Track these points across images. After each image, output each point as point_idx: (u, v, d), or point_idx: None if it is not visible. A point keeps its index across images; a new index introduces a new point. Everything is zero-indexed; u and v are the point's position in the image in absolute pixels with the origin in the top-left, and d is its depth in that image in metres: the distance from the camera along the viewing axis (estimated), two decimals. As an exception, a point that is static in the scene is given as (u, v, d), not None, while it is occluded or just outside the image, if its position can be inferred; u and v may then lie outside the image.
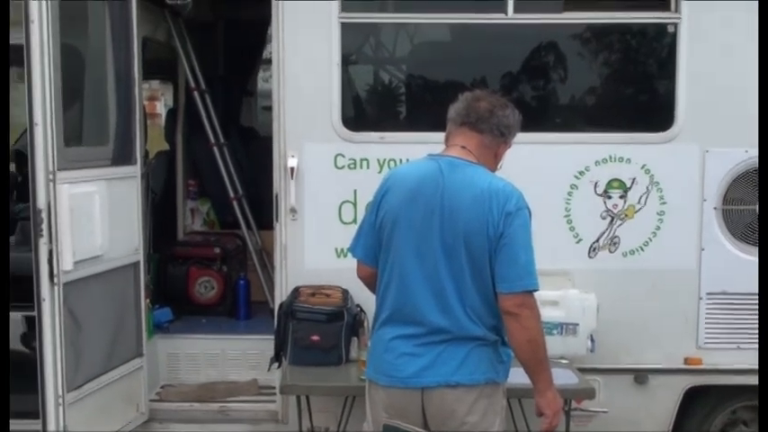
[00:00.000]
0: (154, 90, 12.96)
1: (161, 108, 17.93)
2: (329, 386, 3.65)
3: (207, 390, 4.45)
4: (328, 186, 4.00)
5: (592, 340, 3.85)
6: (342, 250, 4.00)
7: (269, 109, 5.86)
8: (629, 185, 3.99)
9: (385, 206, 2.78)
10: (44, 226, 3.46)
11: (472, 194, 2.63)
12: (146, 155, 4.72)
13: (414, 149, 3.81)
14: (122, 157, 4.06)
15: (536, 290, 2.62)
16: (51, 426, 3.54)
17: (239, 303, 5.06)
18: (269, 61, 6.59)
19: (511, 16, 3.91)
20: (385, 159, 3.97)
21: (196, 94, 5.26)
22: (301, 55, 3.98)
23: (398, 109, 4.54)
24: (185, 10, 5.52)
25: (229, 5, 5.89)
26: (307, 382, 3.62)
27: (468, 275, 2.62)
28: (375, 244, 2.81)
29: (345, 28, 3.98)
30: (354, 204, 4.00)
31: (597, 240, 4.01)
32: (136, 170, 4.13)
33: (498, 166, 2.85)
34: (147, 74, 4.27)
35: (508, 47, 4.18)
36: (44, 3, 3.39)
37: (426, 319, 2.65)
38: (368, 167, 3.99)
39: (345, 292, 3.91)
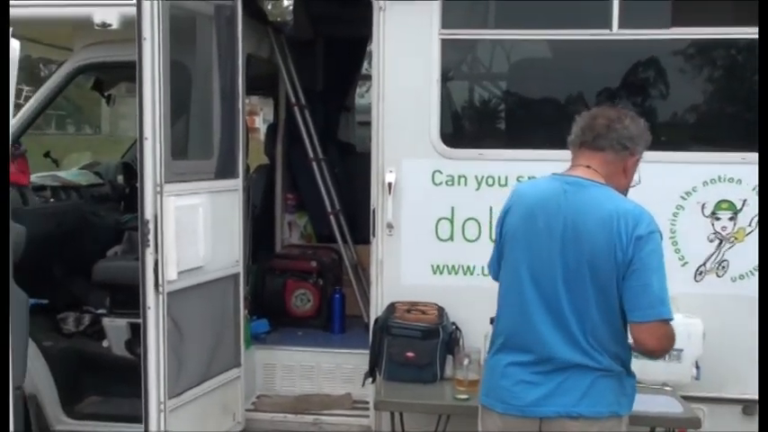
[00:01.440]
0: (253, 105, 13.31)
1: (259, 123, 18.43)
2: (424, 404, 3.63)
3: (301, 402, 4.50)
4: (426, 202, 4.00)
5: (697, 367, 3.70)
6: (438, 267, 3.99)
7: (366, 124, 5.92)
8: (739, 207, 3.83)
9: (506, 225, 2.71)
10: (150, 236, 3.56)
11: (598, 216, 2.51)
12: (247, 169, 4.82)
13: (513, 167, 3.79)
14: (225, 170, 4.17)
15: (671, 319, 2.49)
16: (153, 430, 3.62)
17: (334, 317, 5.11)
18: (366, 77, 6.68)
19: (615, 32, 3.83)
20: (483, 176, 3.93)
21: (296, 109, 5.35)
22: (401, 71, 4.01)
23: (497, 126, 4.51)
24: (287, 27, 5.66)
25: (329, 23, 5.99)
26: (401, 398, 3.61)
27: (592, 302, 2.51)
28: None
29: (445, 44, 3.98)
30: (451, 221, 3.98)
31: (704, 264, 3.87)
32: (238, 183, 4.23)
33: (633, 183, 2.72)
34: (249, 89, 4.37)
35: (610, 62, 4.09)
36: (156, 21, 3.51)
37: (546, 347, 2.55)
38: (466, 184, 3.96)
39: (441, 310, 3.89)
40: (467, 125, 4.52)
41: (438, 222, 3.99)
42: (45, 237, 4.55)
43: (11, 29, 3.49)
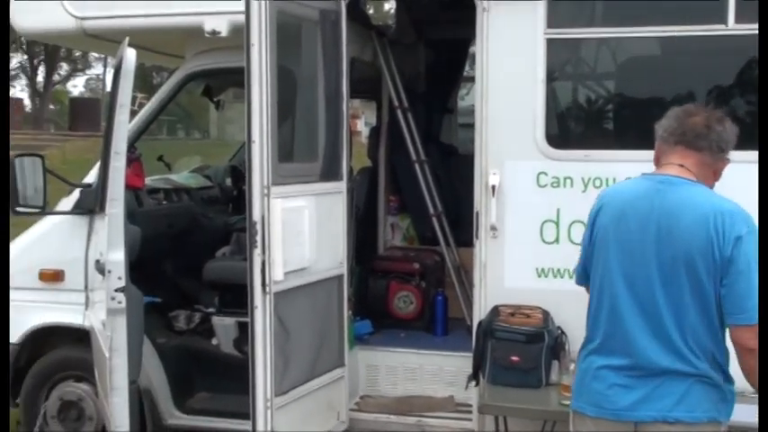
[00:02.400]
0: (355, 108, 13.47)
1: (361, 126, 18.64)
2: (528, 408, 3.58)
3: (404, 403, 4.51)
4: (530, 205, 3.95)
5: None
6: (543, 270, 3.93)
7: (468, 126, 5.89)
8: None
9: (597, 227, 2.67)
10: (258, 237, 3.65)
11: (694, 216, 2.44)
12: (350, 171, 4.88)
13: (621, 168, 3.69)
14: (330, 173, 4.23)
15: None
16: (260, 427, 3.70)
17: (437, 319, 5.10)
18: (468, 79, 6.65)
19: (731, 27, 3.68)
20: (590, 178, 3.85)
21: (399, 111, 5.38)
22: (505, 72, 3.97)
23: (605, 126, 4.41)
24: (390, 30, 5.71)
25: (432, 26, 6.00)
26: (505, 402, 3.57)
27: (689, 303, 2.44)
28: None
29: (550, 44, 3.92)
30: (557, 224, 3.91)
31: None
32: (342, 186, 4.28)
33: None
34: (352, 93, 4.43)
35: (724, 59, 3.93)
36: (263, 28, 3.60)
37: (640, 350, 2.49)
38: (572, 186, 3.89)
39: (546, 314, 3.83)
40: (572, 126, 4.44)
41: (543, 225, 3.93)
42: (158, 237, 4.73)
43: (127, 38, 3.66)
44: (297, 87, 4.21)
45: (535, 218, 3.94)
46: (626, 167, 3.67)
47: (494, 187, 3.95)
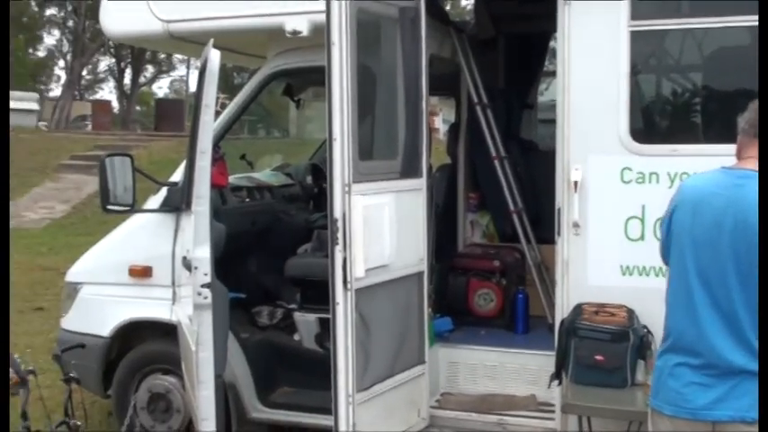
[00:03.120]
0: (433, 106, 13.45)
1: (439, 123, 18.60)
2: (613, 409, 3.51)
3: (485, 401, 4.48)
4: (614, 201, 3.87)
5: None
6: (627, 267, 3.84)
7: (548, 122, 5.81)
8: None
9: (674, 223, 2.60)
10: (339, 234, 3.69)
11: None
12: (429, 168, 4.87)
13: (710, 162, 3.54)
14: (410, 170, 4.24)
15: None
16: (342, 423, 3.74)
17: (518, 317, 5.05)
18: (548, 74, 6.55)
19: (827, 14, 3.51)
20: (677, 173, 3.74)
21: (478, 108, 5.35)
22: (587, 66, 3.90)
23: (693, 119, 4.27)
24: (468, 26, 5.67)
25: (511, 21, 5.94)
26: (589, 402, 3.51)
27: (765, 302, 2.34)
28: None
29: (635, 36, 3.83)
30: (642, 220, 3.82)
31: None
32: (422, 183, 4.28)
33: None
34: (431, 90, 4.42)
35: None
36: (344, 27, 3.63)
37: (714, 351, 2.43)
38: (657, 182, 3.79)
39: (631, 312, 3.75)
40: (658, 120, 4.32)
41: (628, 221, 3.84)
42: (241, 234, 4.83)
43: (211, 40, 3.74)
44: (376, 85, 4.23)
45: (619, 214, 3.86)
46: (716, 162, 3.56)
47: (576, 183, 3.88)
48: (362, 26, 3.79)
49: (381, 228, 3.92)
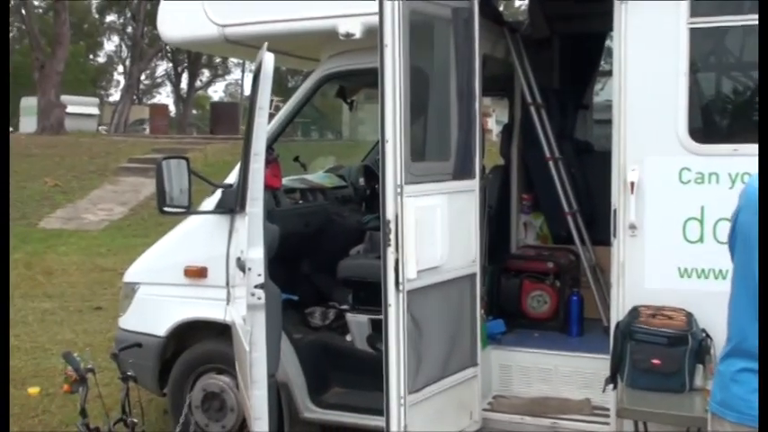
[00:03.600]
0: (486, 107, 13.38)
1: (492, 124, 18.49)
2: (671, 414, 3.43)
3: (538, 404, 4.43)
4: (672, 202, 3.79)
5: None
6: (686, 270, 3.76)
7: (603, 122, 5.72)
8: None
9: (738, 225, 2.53)
10: (392, 236, 3.69)
11: None
12: (482, 169, 4.84)
13: (773, 162, 3.46)
14: (462, 171, 4.22)
15: None
16: (394, 424, 3.73)
17: (572, 319, 4.99)
18: (604, 74, 6.46)
19: None
20: (738, 173, 3.66)
21: (532, 108, 5.30)
22: (645, 65, 3.83)
23: (755, 119, 4.15)
24: (522, 26, 5.62)
25: (566, 20, 5.87)
26: (646, 407, 3.45)
27: None
28: None
29: (694, 34, 3.74)
30: (701, 222, 3.73)
31: None
32: (475, 184, 4.26)
33: None
34: (484, 90, 4.39)
35: None
36: (396, 28, 3.63)
37: None
38: (717, 182, 3.70)
39: (689, 316, 3.67)
40: (718, 119, 4.22)
41: (686, 223, 3.76)
42: (295, 235, 4.86)
43: (266, 44, 3.77)
44: (429, 86, 4.22)
45: (677, 216, 3.78)
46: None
47: (633, 184, 3.81)
48: (415, 27, 3.78)
49: (433, 229, 3.91)
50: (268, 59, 3.67)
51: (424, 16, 3.99)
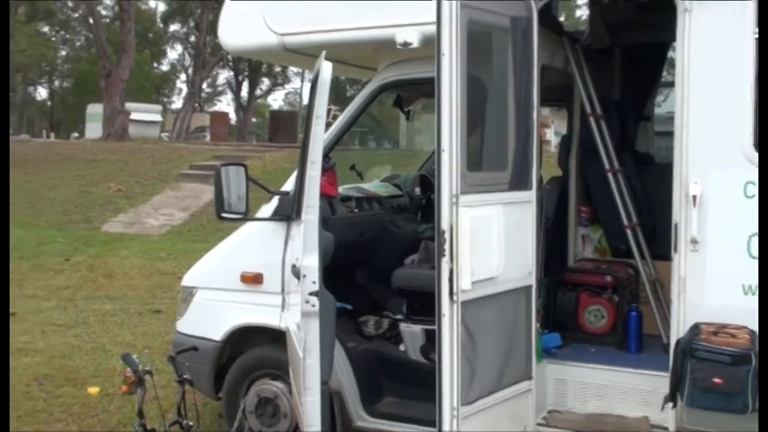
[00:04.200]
0: (544, 118, 13.27)
1: (550, 135, 18.33)
2: (732, 435, 3.33)
3: (595, 421, 4.35)
4: (736, 216, 3.68)
5: None
6: (750, 287, 3.65)
7: (665, 134, 5.60)
8: None
9: None
10: (446, 246, 3.66)
11: None
12: (540, 180, 4.79)
13: None
14: (519, 182, 4.18)
15: None
16: (446, 436, 3.70)
17: (630, 335, 4.88)
18: (666, 84, 6.33)
19: None
20: (805, 188, 3.53)
21: (591, 119, 5.22)
22: (708, 76, 3.74)
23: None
24: (583, 36, 5.55)
25: (627, 30, 5.78)
26: (706, 426, 3.37)
27: None
28: None
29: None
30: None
31: None
32: (531, 195, 4.21)
33: None
34: (542, 101, 4.34)
35: None
36: (454, 38, 3.62)
37: None
38: (784, 197, 3.58)
39: (753, 334, 3.55)
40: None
41: (751, 238, 3.64)
42: (350, 244, 4.88)
43: (323, 52, 3.80)
44: (486, 96, 4.19)
45: (742, 231, 3.67)
46: None
47: (695, 197, 3.72)
48: (473, 36, 3.76)
49: (489, 240, 3.87)
50: (326, 68, 3.69)
51: (483, 25, 3.97)
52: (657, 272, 5.07)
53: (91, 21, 32.28)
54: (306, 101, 5.25)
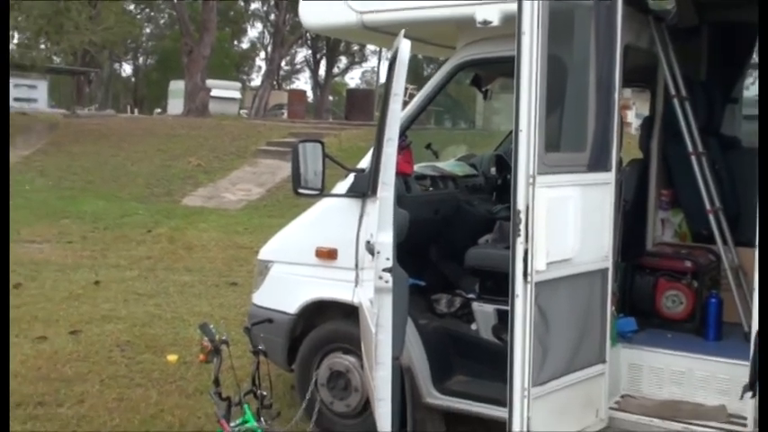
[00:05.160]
0: (626, 99, 12.95)
1: (631, 117, 17.89)
2: (815, 428, 3.22)
3: (670, 408, 4.28)
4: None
5: None
6: (839, 277, 3.50)
7: (753, 118, 5.40)
8: None
9: None
10: (522, 226, 3.64)
11: None
12: (620, 162, 4.69)
13: None
14: (598, 163, 4.11)
15: None
16: (516, 415, 3.69)
17: (709, 322, 4.76)
18: (756, 66, 6.09)
19: None
20: None
21: (676, 101, 5.08)
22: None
23: None
24: (669, 15, 5.38)
25: (716, 8, 5.58)
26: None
27: None
28: None
29: None
30: None
31: None
32: (610, 177, 4.14)
33: None
34: (624, 82, 4.24)
35: None
36: (536, 16, 3.57)
37: None
38: None
39: (841, 325, 3.42)
40: None
41: (843, 226, 3.50)
42: (424, 222, 4.89)
43: (402, 30, 3.80)
44: (567, 75, 4.13)
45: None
46: None
47: (784, 183, 3.58)
48: (555, 15, 3.70)
49: (565, 221, 3.83)
50: (404, 46, 3.69)
51: (565, 3, 3.90)
52: (740, 258, 4.92)
53: (174, -1, 32.92)
54: (382, 79, 5.26)
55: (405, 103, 4.68)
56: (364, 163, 4.74)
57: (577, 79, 4.14)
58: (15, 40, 24.56)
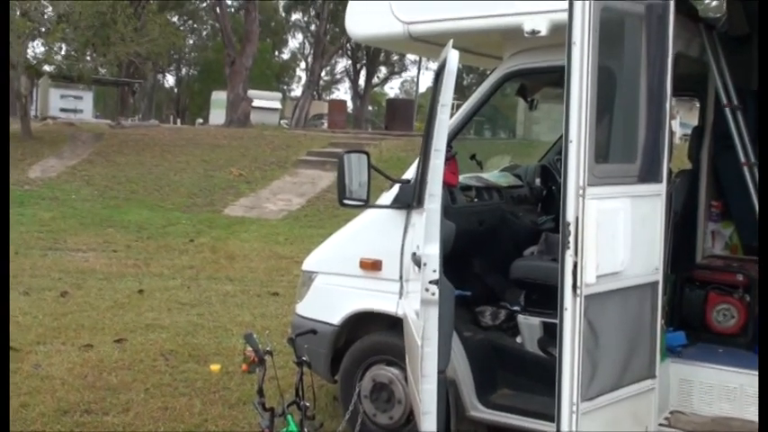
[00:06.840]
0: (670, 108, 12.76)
1: (676, 126, 17.66)
2: None
3: (721, 424, 4.18)
4: None
5: None
6: None
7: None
8: None
9: None
10: (571, 239, 3.57)
11: None
12: (669, 173, 4.61)
13: None
14: (648, 175, 4.03)
15: None
16: (564, 431, 3.63)
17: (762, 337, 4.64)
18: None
19: None
20: None
21: (727, 110, 4.98)
22: None
23: None
24: (720, 23, 5.30)
25: (768, 15, 5.47)
26: None
27: None
28: None
29: None
30: None
31: None
32: (661, 189, 4.06)
33: None
34: (673, 91, 4.18)
35: None
36: (586, 26, 3.52)
37: None
38: None
39: None
40: None
41: None
42: (469, 233, 4.86)
43: (451, 41, 3.78)
44: (617, 85, 4.06)
45: None
46: None
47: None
48: (605, 25, 3.65)
49: (615, 234, 3.76)
50: (453, 56, 3.67)
51: (616, 12, 3.84)
52: (795, 272, 4.80)
53: (218, 10, 33.36)
54: (421, 89, 5.24)
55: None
56: (409, 174, 4.73)
57: (628, 89, 4.08)
58: (63, 52, 25.01)
